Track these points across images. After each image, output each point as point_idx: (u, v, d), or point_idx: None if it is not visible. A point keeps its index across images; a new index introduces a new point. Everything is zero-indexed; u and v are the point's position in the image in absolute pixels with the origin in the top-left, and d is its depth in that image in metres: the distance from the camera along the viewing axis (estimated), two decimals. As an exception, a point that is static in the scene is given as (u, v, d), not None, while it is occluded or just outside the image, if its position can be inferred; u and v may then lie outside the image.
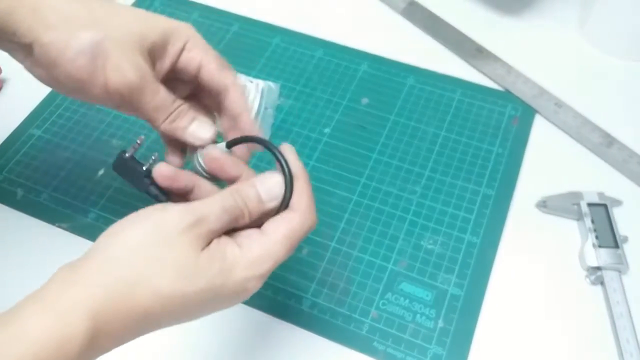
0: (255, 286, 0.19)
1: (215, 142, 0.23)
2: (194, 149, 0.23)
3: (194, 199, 0.21)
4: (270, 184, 0.20)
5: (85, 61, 0.20)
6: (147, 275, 0.17)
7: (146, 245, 0.18)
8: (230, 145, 0.22)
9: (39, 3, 0.21)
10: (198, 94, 0.25)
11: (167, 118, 0.22)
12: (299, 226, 0.20)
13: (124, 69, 0.21)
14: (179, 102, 0.22)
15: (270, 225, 0.20)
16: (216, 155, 0.22)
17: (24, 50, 0.22)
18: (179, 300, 0.18)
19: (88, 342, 0.16)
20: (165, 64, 0.23)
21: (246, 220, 0.20)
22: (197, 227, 0.18)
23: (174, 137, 0.23)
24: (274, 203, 0.20)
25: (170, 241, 0.18)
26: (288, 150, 0.21)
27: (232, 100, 0.23)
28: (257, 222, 0.20)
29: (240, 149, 0.23)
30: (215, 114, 0.25)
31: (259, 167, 0.35)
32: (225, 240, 0.19)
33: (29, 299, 0.17)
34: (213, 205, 0.19)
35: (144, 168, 0.22)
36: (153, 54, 0.22)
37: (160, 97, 0.22)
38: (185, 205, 0.19)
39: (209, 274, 0.18)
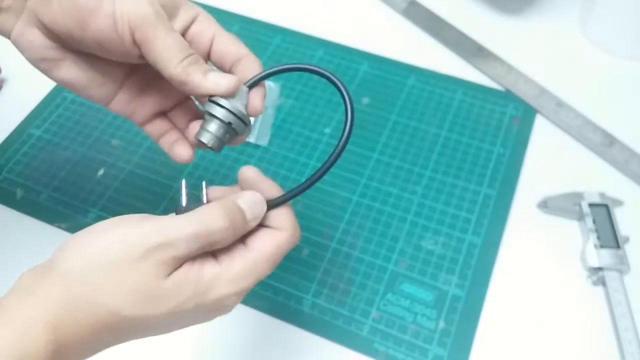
0: (234, 302, 0.18)
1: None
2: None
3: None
4: (255, 204, 0.19)
5: None
6: (106, 297, 0.17)
7: (108, 264, 0.17)
8: (252, 84, 0.20)
9: None
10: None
11: (183, 60, 0.19)
12: (286, 244, 0.19)
13: (138, 3, 0.18)
14: (192, 50, 0.20)
15: (256, 241, 0.19)
16: (250, 176, 0.20)
17: (15, 7, 0.20)
18: (141, 321, 0.17)
19: (51, 354, 0.16)
20: (176, 25, 0.20)
21: (228, 242, 0.18)
22: (160, 251, 0.17)
23: (187, 83, 0.19)
24: (255, 222, 0.19)
25: (131, 263, 0.17)
26: (250, 174, 0.19)
27: (249, 67, 0.21)
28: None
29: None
30: None
31: (268, 170, 0.35)
32: (201, 260, 0.18)
33: None
34: (185, 228, 0.17)
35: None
36: (164, 6, 0.20)
37: (175, 35, 0.19)
38: (156, 224, 0.17)
39: (178, 299, 0.17)
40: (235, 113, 0.20)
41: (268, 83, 0.37)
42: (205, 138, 0.20)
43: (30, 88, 0.38)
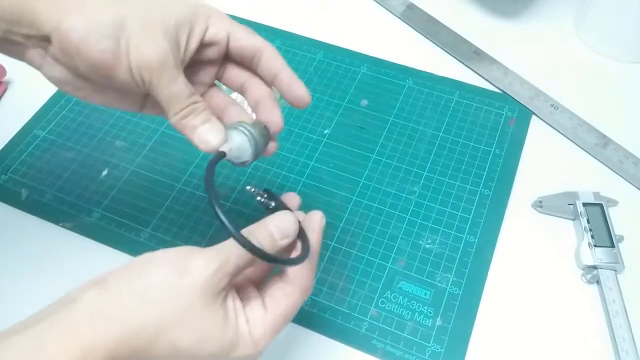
0: (256, 358, 0.20)
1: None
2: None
3: None
4: (282, 223, 0.20)
5: (109, 44, 0.20)
6: (172, 328, 0.17)
7: (175, 295, 0.18)
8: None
9: None
10: (223, 76, 0.24)
11: (179, 112, 0.21)
12: (299, 303, 0.20)
13: (145, 50, 0.20)
14: (195, 97, 0.21)
15: (273, 301, 0.20)
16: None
17: (41, 44, 0.21)
18: (190, 356, 0.18)
19: None
20: (192, 43, 0.21)
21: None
22: (219, 273, 0.18)
23: (182, 133, 0.22)
24: (286, 241, 0.20)
25: (196, 293, 0.18)
26: (317, 223, 0.21)
27: (269, 60, 0.22)
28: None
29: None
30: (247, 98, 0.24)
31: (269, 171, 0.35)
32: (237, 304, 0.19)
33: (54, 323, 0.17)
34: (232, 249, 0.19)
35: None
36: (180, 34, 0.21)
37: (177, 85, 0.21)
38: (207, 250, 0.19)
39: (223, 341, 0.18)
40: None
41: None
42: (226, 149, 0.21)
43: (35, 90, 0.38)
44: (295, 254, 0.21)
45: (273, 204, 0.22)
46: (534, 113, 0.37)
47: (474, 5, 0.43)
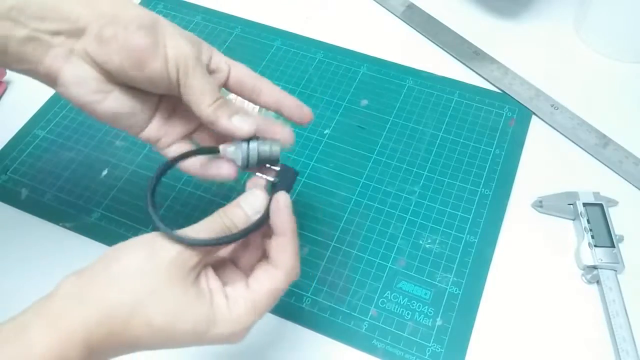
0: (240, 337, 0.20)
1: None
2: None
3: None
4: (252, 200, 0.22)
5: (147, 32, 0.21)
6: (143, 307, 0.18)
7: (144, 275, 0.19)
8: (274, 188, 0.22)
9: None
10: None
11: (213, 103, 0.22)
12: (283, 284, 0.21)
13: (182, 43, 0.21)
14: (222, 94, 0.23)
15: (255, 281, 0.21)
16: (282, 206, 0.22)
17: (68, 41, 0.21)
18: (166, 333, 0.19)
19: (84, 359, 0.18)
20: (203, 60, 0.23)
21: (233, 232, 0.21)
22: (185, 252, 0.19)
23: (215, 122, 0.22)
24: (257, 215, 0.21)
25: (163, 271, 0.19)
26: (282, 201, 0.21)
27: (270, 89, 0.24)
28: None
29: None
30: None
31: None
32: (214, 283, 0.20)
33: (35, 313, 0.18)
34: (201, 230, 0.20)
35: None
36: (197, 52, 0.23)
37: (210, 79, 0.22)
38: (174, 235, 0.20)
39: (196, 317, 0.19)
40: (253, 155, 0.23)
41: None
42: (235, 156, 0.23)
43: (35, 89, 0.38)
44: (278, 246, 0.21)
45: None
46: (534, 113, 0.37)
47: (474, 5, 0.43)
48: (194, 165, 0.24)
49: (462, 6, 0.43)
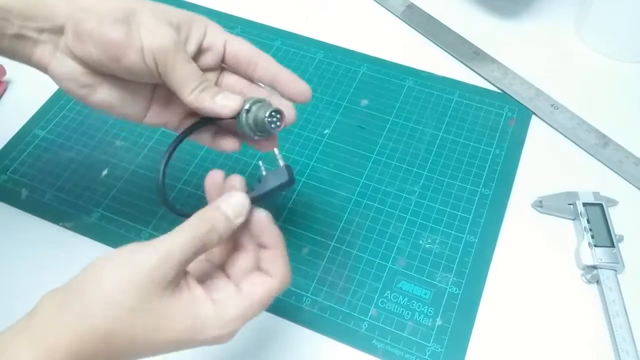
0: (227, 339, 0.20)
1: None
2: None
3: None
4: (233, 202, 0.21)
5: (122, 26, 0.21)
6: (122, 326, 0.18)
7: (120, 292, 0.18)
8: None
9: None
10: (221, 84, 0.25)
11: (196, 88, 0.22)
12: (275, 291, 0.21)
13: (158, 33, 0.21)
14: (206, 76, 0.22)
15: (248, 286, 0.21)
16: (262, 220, 0.22)
17: (53, 37, 0.21)
18: (150, 346, 0.19)
19: None
20: (192, 44, 0.23)
21: (216, 243, 0.20)
22: (163, 265, 0.19)
23: (199, 108, 0.22)
24: (240, 219, 0.21)
25: (141, 287, 0.18)
26: (264, 219, 0.21)
27: (266, 64, 0.23)
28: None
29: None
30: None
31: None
32: (200, 292, 0.20)
33: (18, 329, 0.18)
34: (177, 239, 0.19)
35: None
36: (180, 33, 0.22)
37: (191, 66, 0.22)
38: (154, 243, 0.19)
39: (179, 328, 0.19)
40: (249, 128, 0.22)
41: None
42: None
43: (35, 89, 0.38)
44: (270, 257, 0.21)
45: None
46: (534, 113, 0.37)
47: (474, 5, 0.43)
48: (205, 138, 0.24)
49: (462, 6, 0.43)
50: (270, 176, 0.22)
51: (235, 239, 0.22)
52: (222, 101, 0.22)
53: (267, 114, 0.22)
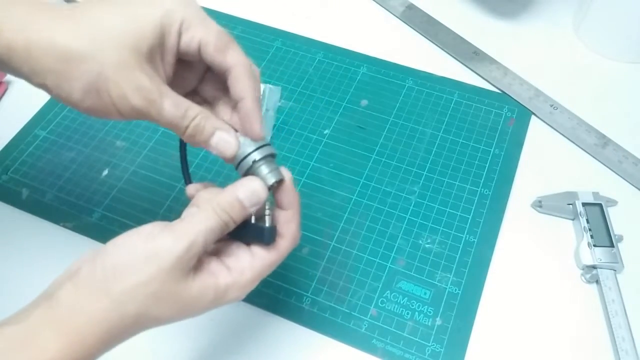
0: (240, 299, 0.21)
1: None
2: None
3: None
4: (250, 191, 0.21)
5: (93, 99, 0.20)
6: (150, 312, 0.19)
7: (145, 283, 0.19)
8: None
9: (30, 45, 0.19)
10: (204, 79, 0.23)
11: (185, 132, 0.21)
12: (286, 251, 0.22)
13: (127, 96, 0.20)
14: (192, 111, 0.21)
15: (261, 250, 0.21)
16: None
17: (32, 76, 0.21)
18: (177, 319, 0.20)
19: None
20: (169, 58, 0.21)
21: (231, 228, 0.21)
22: (187, 255, 0.19)
23: (199, 145, 0.22)
24: (255, 207, 0.21)
25: (165, 276, 0.19)
26: (286, 180, 0.22)
27: (234, 82, 0.21)
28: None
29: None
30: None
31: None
32: (215, 266, 0.21)
33: (43, 319, 0.18)
34: (199, 226, 0.20)
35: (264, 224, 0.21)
36: (154, 56, 0.21)
37: (167, 113, 0.21)
38: (176, 229, 0.19)
39: (203, 304, 0.20)
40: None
41: (269, 86, 0.37)
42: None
43: (36, 90, 0.38)
44: (284, 219, 0.22)
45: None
46: (533, 113, 0.37)
47: (473, 5, 0.43)
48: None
49: (462, 6, 0.43)
50: (252, 228, 0.21)
51: None
52: (218, 147, 0.21)
53: (271, 184, 0.21)
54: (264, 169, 0.22)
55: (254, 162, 0.21)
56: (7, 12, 0.20)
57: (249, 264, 0.21)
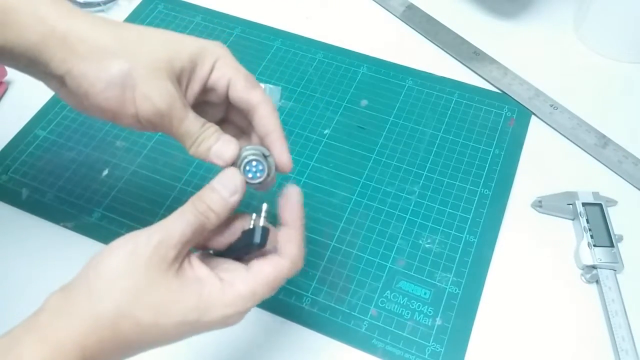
0: (236, 321, 0.20)
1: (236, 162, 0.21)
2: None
3: None
4: (225, 180, 0.21)
5: (115, 92, 0.21)
6: (128, 309, 0.18)
7: (122, 277, 0.18)
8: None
9: (69, 33, 0.20)
10: (231, 116, 0.25)
11: (194, 142, 0.22)
12: (286, 274, 0.21)
13: (152, 97, 0.21)
14: (206, 125, 0.22)
15: (258, 265, 0.20)
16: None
17: (58, 80, 0.22)
18: (156, 329, 0.19)
19: None
20: (195, 86, 0.22)
21: (214, 222, 0.20)
22: (162, 246, 0.19)
23: (204, 161, 0.22)
24: (236, 197, 0.21)
25: (141, 269, 0.18)
26: (292, 193, 0.21)
27: (261, 118, 0.23)
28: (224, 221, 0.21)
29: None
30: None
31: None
32: (205, 273, 0.20)
33: (24, 328, 0.18)
34: (175, 220, 0.19)
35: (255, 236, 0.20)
36: (182, 78, 0.22)
37: (186, 123, 0.22)
38: (151, 228, 0.19)
39: (184, 309, 0.19)
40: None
41: (269, 86, 0.37)
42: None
43: (36, 90, 0.38)
44: (285, 236, 0.21)
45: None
46: (533, 113, 0.37)
47: (473, 5, 0.43)
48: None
49: (462, 6, 0.43)
50: (245, 233, 0.21)
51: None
52: (218, 151, 0.21)
53: (241, 169, 0.21)
54: (249, 151, 0.21)
55: (242, 158, 0.22)
56: (55, 5, 0.21)
57: (241, 276, 0.20)
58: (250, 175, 0.21)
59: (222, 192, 0.20)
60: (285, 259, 0.21)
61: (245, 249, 0.21)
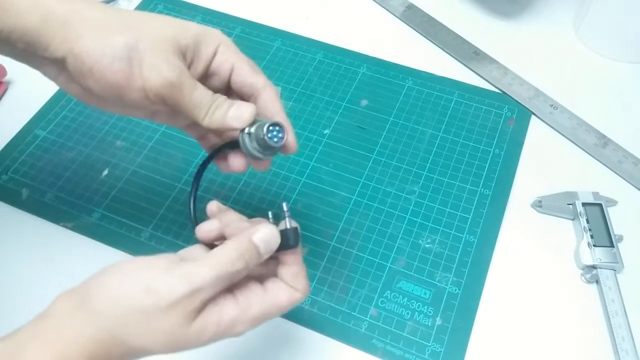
0: (240, 333, 0.20)
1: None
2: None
3: None
4: (267, 239, 0.20)
5: (122, 65, 0.20)
6: (138, 340, 0.18)
7: (138, 311, 0.18)
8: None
9: (70, 14, 0.20)
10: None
11: (207, 112, 0.21)
12: (297, 302, 0.21)
13: (160, 68, 0.20)
14: (216, 95, 0.22)
15: (275, 289, 0.21)
16: (214, 212, 0.22)
17: (57, 65, 0.21)
18: (167, 349, 0.19)
19: None
20: (199, 67, 0.22)
21: (244, 274, 0.20)
22: (190, 299, 0.18)
23: (217, 129, 0.22)
24: (267, 256, 0.21)
25: (161, 312, 0.18)
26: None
27: (266, 102, 0.23)
28: None
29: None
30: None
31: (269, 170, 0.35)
32: (221, 302, 0.19)
33: (30, 333, 0.18)
34: (209, 272, 0.18)
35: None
36: (187, 56, 0.21)
37: (199, 92, 0.21)
38: (181, 273, 0.18)
39: (201, 341, 0.19)
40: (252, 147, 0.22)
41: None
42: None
43: (36, 89, 0.38)
44: (294, 275, 0.21)
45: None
46: (533, 113, 0.37)
47: (473, 5, 0.43)
48: (223, 162, 0.24)
49: (462, 6, 0.43)
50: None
51: None
52: (237, 113, 0.21)
53: (265, 130, 0.21)
54: (254, 130, 0.21)
55: (247, 134, 0.22)
56: None
57: (259, 299, 0.20)
58: (275, 140, 0.21)
59: (261, 249, 0.20)
60: (300, 292, 0.21)
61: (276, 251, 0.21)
